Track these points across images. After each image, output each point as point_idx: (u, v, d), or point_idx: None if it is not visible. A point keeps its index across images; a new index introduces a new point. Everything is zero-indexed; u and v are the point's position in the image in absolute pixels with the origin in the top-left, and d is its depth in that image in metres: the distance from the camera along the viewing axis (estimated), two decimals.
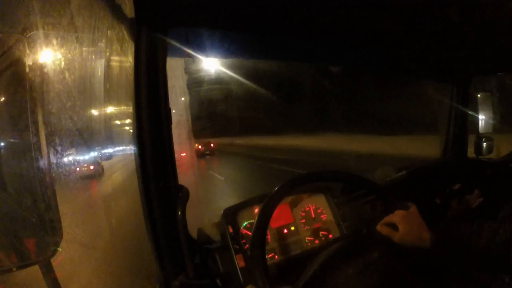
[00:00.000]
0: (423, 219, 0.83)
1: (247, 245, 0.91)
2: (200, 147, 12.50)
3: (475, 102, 1.70)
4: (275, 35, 1.07)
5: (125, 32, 0.77)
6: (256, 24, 0.98)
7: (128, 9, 0.71)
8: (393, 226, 0.84)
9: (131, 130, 0.77)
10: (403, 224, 0.81)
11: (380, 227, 0.86)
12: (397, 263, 0.79)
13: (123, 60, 0.85)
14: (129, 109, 0.76)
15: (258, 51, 1.18)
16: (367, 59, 1.42)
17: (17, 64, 0.68)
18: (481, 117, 1.69)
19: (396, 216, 0.84)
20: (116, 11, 0.76)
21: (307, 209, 1.05)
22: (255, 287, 0.66)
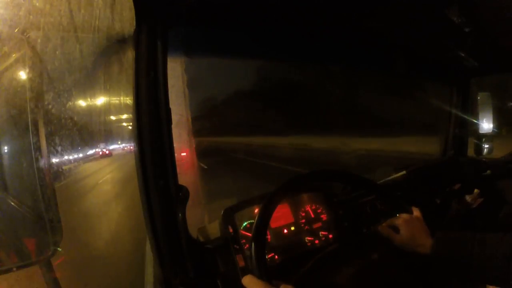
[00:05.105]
0: (425, 222, 0.83)
1: (247, 245, 0.91)
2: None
3: (475, 102, 1.71)
4: (275, 35, 1.07)
5: (125, 32, 0.77)
6: (256, 24, 0.98)
7: (128, 9, 0.71)
8: (394, 228, 0.84)
9: (131, 129, 0.77)
10: (404, 228, 0.81)
11: (381, 228, 0.86)
12: (396, 265, 0.79)
13: (123, 60, 0.85)
14: (129, 108, 0.76)
15: (258, 51, 1.18)
16: (367, 59, 1.42)
17: (17, 64, 0.68)
18: (481, 117, 1.69)
19: (399, 220, 0.84)
20: (116, 11, 0.76)
21: (307, 209, 1.05)
22: (254, 276, 0.66)
